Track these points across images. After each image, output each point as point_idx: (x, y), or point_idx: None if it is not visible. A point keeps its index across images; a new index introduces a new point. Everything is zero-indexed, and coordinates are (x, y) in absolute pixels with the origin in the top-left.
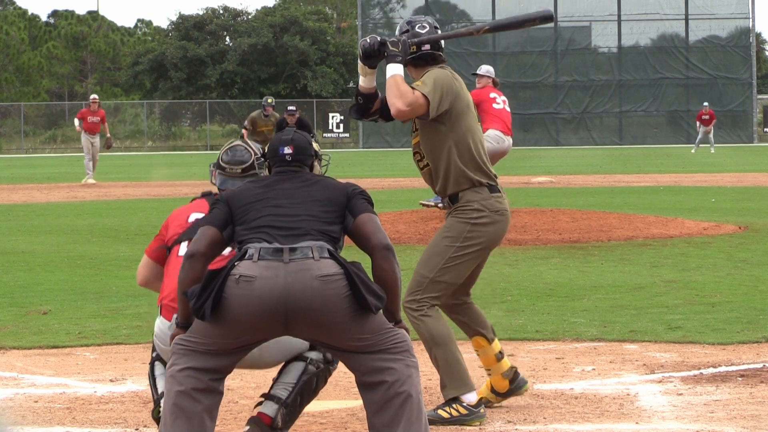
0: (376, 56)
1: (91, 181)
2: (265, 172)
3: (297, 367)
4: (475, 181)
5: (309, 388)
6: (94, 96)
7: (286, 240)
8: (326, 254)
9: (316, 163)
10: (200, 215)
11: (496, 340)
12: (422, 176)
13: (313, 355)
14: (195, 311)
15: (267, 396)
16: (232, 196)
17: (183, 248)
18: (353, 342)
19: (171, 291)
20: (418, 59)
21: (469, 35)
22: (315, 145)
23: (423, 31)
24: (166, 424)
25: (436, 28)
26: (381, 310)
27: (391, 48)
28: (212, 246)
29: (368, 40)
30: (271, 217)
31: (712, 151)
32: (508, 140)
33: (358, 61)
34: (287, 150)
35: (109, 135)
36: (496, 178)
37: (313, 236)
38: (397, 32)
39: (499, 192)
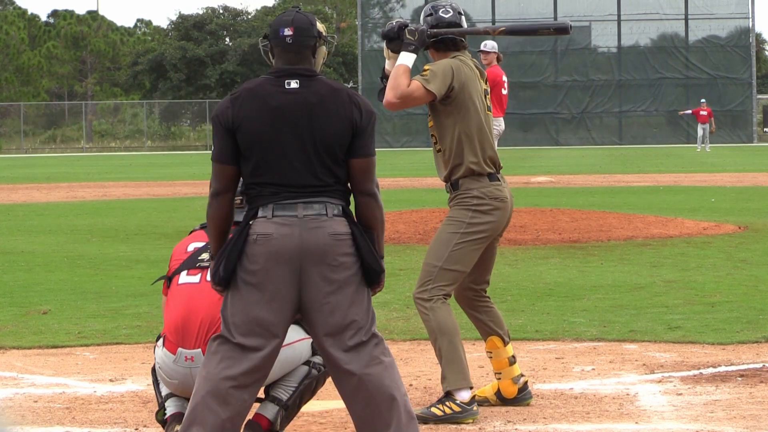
0: (396, 39)
1: None
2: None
3: (300, 370)
4: (476, 170)
5: (309, 389)
6: None
7: (298, 195)
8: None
9: (322, 47)
10: (200, 244)
11: (510, 345)
12: (435, 161)
13: (316, 359)
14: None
15: (266, 396)
16: (237, 125)
17: (183, 277)
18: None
19: (172, 323)
20: (440, 43)
21: (485, 34)
22: (320, 26)
23: (447, 16)
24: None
25: (459, 13)
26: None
27: (408, 36)
28: (233, 181)
29: (393, 23)
30: (279, 174)
31: (708, 150)
32: (503, 123)
33: (383, 44)
34: (287, 32)
35: None
36: (500, 168)
37: (326, 192)
38: (421, 16)
39: (499, 180)
